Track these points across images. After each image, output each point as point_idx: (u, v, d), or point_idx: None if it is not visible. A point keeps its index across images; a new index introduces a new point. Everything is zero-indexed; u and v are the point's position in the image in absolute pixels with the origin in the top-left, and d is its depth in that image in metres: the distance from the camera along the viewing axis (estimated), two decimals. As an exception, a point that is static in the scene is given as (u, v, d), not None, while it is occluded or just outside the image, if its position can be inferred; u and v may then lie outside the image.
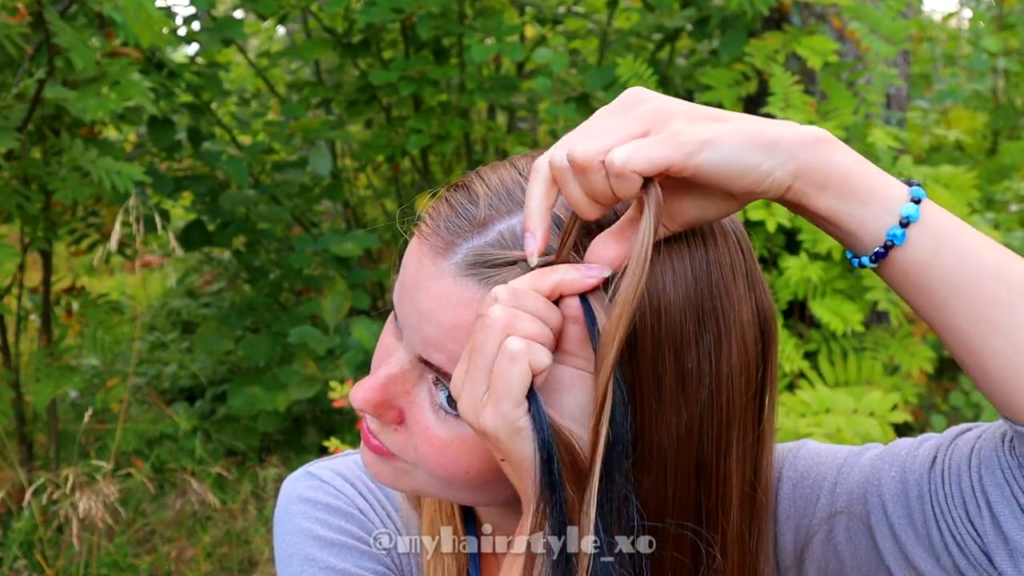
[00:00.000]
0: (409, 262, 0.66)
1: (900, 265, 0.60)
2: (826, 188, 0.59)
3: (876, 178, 0.60)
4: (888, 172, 0.63)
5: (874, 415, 1.93)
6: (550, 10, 3.38)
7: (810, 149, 0.59)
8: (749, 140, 0.58)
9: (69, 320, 2.76)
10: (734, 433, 0.65)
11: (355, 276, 3.20)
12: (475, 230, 0.63)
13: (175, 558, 2.70)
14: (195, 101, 3.17)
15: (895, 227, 0.59)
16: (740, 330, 0.64)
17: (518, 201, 0.63)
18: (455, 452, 0.65)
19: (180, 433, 3.15)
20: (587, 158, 0.57)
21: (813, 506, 0.74)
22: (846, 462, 0.74)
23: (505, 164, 0.67)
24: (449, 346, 0.62)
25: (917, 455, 0.69)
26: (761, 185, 0.59)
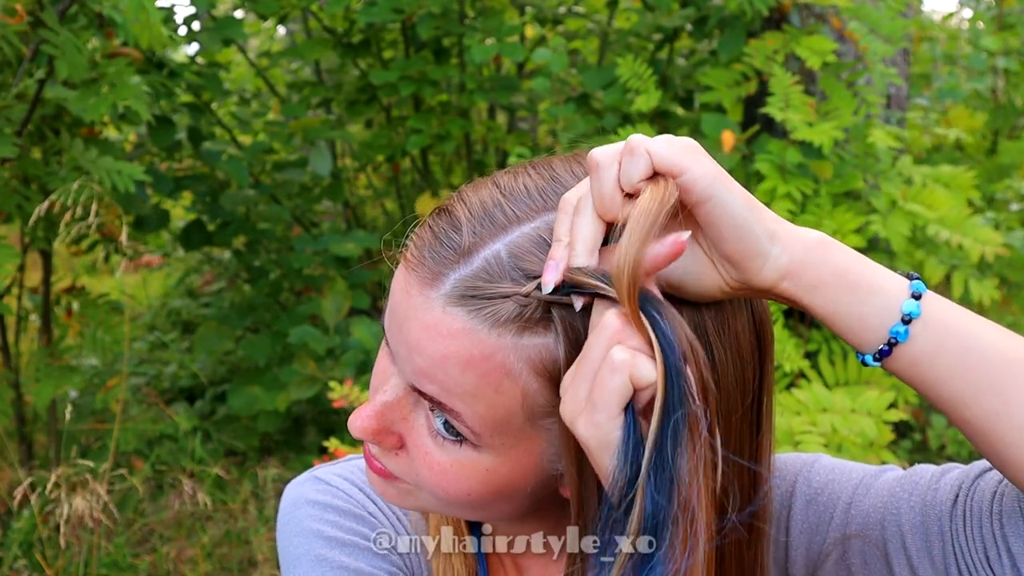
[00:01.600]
0: (396, 291, 0.65)
1: (905, 361, 0.60)
2: (820, 288, 0.59)
3: (875, 275, 0.60)
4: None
5: (870, 414, 1.93)
6: (550, 10, 3.38)
7: (806, 249, 0.59)
8: (756, 209, 0.58)
9: (69, 320, 2.76)
10: (731, 442, 0.64)
11: (355, 276, 3.20)
12: (460, 259, 0.62)
13: (175, 558, 2.70)
14: (195, 101, 3.17)
15: (897, 324, 0.59)
16: (735, 343, 0.63)
17: (500, 225, 0.62)
18: (455, 476, 0.65)
19: (180, 433, 3.15)
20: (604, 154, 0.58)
21: (826, 524, 0.74)
22: (861, 483, 0.74)
23: (486, 183, 0.66)
24: (440, 377, 0.62)
25: (939, 488, 0.69)
26: (754, 261, 0.58)
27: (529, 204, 0.63)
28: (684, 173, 0.57)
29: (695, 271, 0.60)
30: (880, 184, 2.40)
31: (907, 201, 2.35)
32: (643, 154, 0.57)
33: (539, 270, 0.60)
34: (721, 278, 0.60)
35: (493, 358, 0.61)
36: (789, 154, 2.25)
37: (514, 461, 0.65)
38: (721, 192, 0.57)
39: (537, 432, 0.64)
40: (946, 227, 2.31)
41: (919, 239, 2.45)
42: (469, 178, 3.81)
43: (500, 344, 0.60)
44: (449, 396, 0.62)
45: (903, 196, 2.36)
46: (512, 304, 0.60)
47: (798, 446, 1.89)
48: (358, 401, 1.96)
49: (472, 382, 0.61)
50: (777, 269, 0.59)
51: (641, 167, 0.57)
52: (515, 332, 0.60)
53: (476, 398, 0.61)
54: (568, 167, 0.66)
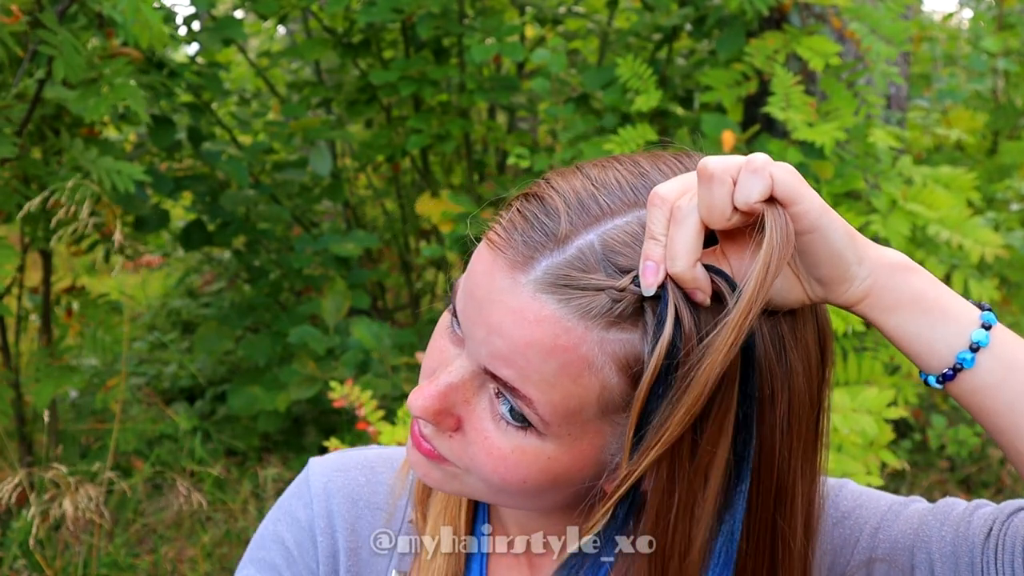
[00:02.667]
0: (479, 272, 0.64)
1: (967, 388, 0.61)
2: (896, 310, 0.61)
3: (949, 302, 0.62)
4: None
5: (871, 412, 1.93)
6: (550, 10, 3.37)
7: (889, 272, 0.61)
8: (850, 236, 0.60)
9: (69, 320, 2.76)
10: (799, 453, 0.65)
11: (355, 276, 3.20)
12: (554, 246, 0.61)
13: (175, 558, 2.70)
14: (195, 101, 3.17)
15: (965, 351, 0.61)
16: (806, 352, 0.64)
17: (594, 215, 0.62)
18: (515, 462, 0.64)
19: (180, 433, 3.15)
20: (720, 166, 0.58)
21: (851, 547, 0.74)
22: (891, 510, 0.75)
23: (575, 173, 0.66)
24: (520, 362, 0.61)
25: (972, 521, 0.70)
26: (842, 284, 0.60)
27: (621, 197, 0.63)
28: (798, 203, 0.58)
29: (783, 285, 0.62)
30: (880, 184, 2.40)
31: (907, 201, 2.35)
32: (766, 177, 0.57)
33: (631, 265, 0.60)
34: (805, 293, 0.62)
35: (577, 349, 0.60)
36: (789, 154, 2.25)
37: (576, 451, 0.64)
38: (827, 224, 0.59)
39: (605, 425, 0.64)
40: (946, 227, 2.31)
41: (919, 239, 2.45)
42: (469, 178, 3.81)
43: (587, 336, 0.60)
44: (525, 382, 0.61)
45: (903, 196, 2.36)
46: (604, 298, 0.60)
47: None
48: (358, 401, 1.96)
49: (552, 371, 0.61)
50: (860, 290, 0.61)
51: (761, 189, 0.57)
52: (603, 326, 0.60)
53: (553, 387, 0.61)
54: (654, 164, 0.66)
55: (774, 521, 0.65)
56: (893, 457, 2.04)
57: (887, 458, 2.01)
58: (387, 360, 2.78)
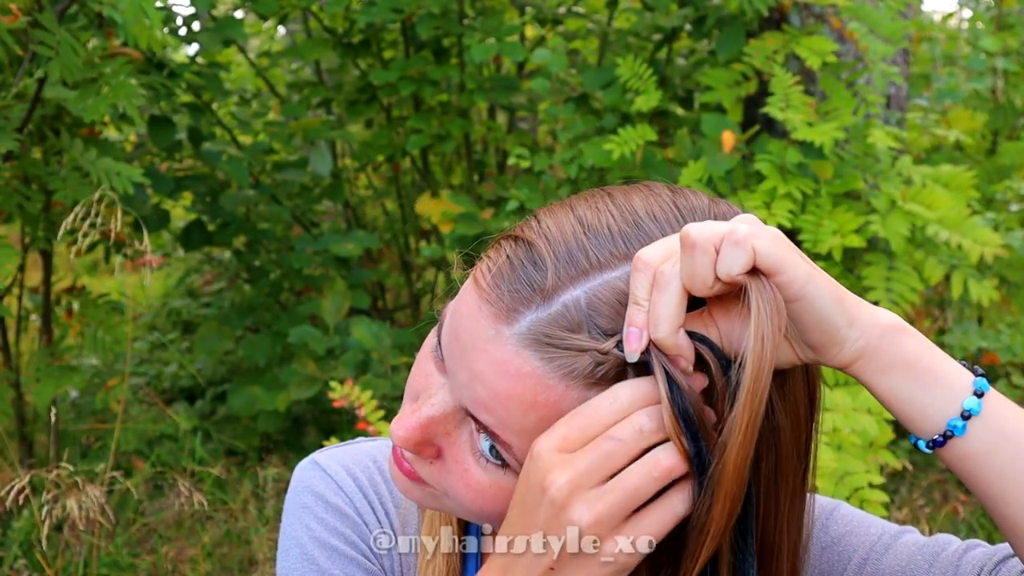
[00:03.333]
0: (464, 315, 0.64)
1: (957, 453, 0.61)
2: (888, 372, 0.61)
3: (943, 366, 0.61)
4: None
5: (871, 411, 1.93)
6: (550, 10, 3.38)
7: (880, 334, 0.60)
8: (840, 301, 0.59)
9: (69, 320, 2.76)
10: (786, 508, 0.66)
11: (355, 276, 3.20)
12: (540, 300, 0.61)
13: (175, 558, 2.70)
14: (195, 101, 3.17)
15: (956, 419, 0.60)
16: (795, 409, 0.65)
17: (582, 269, 0.61)
18: (492, 496, 0.65)
19: (180, 433, 3.15)
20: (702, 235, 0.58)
21: (839, 575, 0.75)
22: (880, 540, 0.75)
23: (567, 213, 0.65)
24: (500, 412, 0.62)
25: (960, 565, 0.70)
26: (832, 347, 0.60)
27: (612, 250, 0.62)
28: (782, 273, 0.57)
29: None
30: (880, 184, 2.40)
31: (907, 201, 2.35)
32: (748, 249, 0.57)
33: (615, 327, 0.60)
34: (796, 355, 0.62)
35: (558, 406, 0.60)
36: (789, 154, 2.25)
37: None
38: (812, 292, 0.58)
39: None
40: (946, 227, 2.31)
41: (918, 239, 2.45)
42: (469, 178, 3.80)
43: (567, 394, 0.60)
44: (504, 430, 0.62)
45: (903, 196, 2.36)
46: (587, 359, 0.60)
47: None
48: (358, 401, 1.96)
49: (532, 423, 0.61)
50: (852, 353, 0.60)
51: (743, 261, 0.57)
52: (584, 386, 0.60)
53: (532, 436, 0.61)
54: (648, 209, 0.65)
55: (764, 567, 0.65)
56: (893, 457, 2.04)
57: (887, 458, 2.01)
58: (387, 360, 2.78)
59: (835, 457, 1.90)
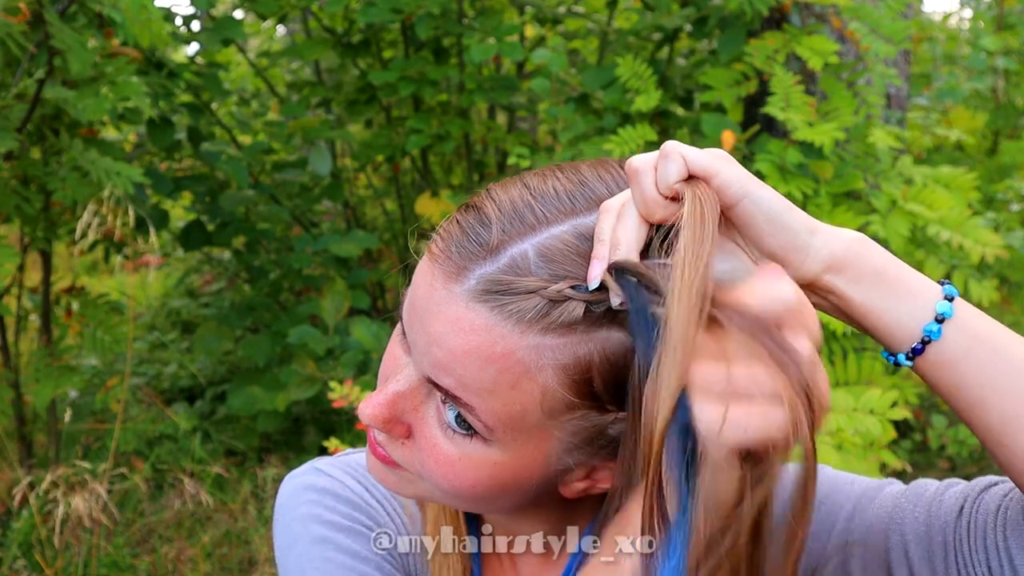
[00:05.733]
0: (420, 283, 0.65)
1: (936, 362, 0.62)
2: (860, 282, 0.61)
3: (911, 277, 0.62)
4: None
5: (874, 412, 1.93)
6: (550, 10, 3.37)
7: (846, 244, 0.62)
8: (790, 207, 0.61)
9: (69, 320, 2.76)
10: None
11: (355, 276, 3.19)
12: (487, 255, 0.62)
13: (175, 558, 2.70)
14: (195, 101, 3.17)
15: (931, 323, 0.61)
16: None
17: (529, 224, 0.63)
18: (462, 469, 0.65)
19: (180, 433, 3.15)
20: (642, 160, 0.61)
21: (827, 532, 0.74)
22: (865, 493, 0.75)
23: (515, 183, 0.66)
24: (458, 371, 0.62)
25: (943, 500, 0.70)
26: (796, 253, 0.61)
27: (558, 207, 0.64)
28: (716, 176, 0.59)
29: (744, 274, 0.61)
30: (880, 184, 2.40)
31: (907, 201, 2.35)
32: (677, 158, 0.60)
33: (566, 273, 0.61)
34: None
35: (513, 355, 0.61)
36: (789, 154, 2.24)
37: (523, 457, 0.65)
38: (754, 190, 0.60)
39: (550, 430, 0.64)
40: (946, 227, 2.31)
41: (919, 239, 2.45)
42: (469, 178, 3.80)
43: (522, 342, 0.61)
44: (465, 390, 0.62)
45: (903, 196, 2.36)
46: (538, 299, 0.61)
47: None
48: (358, 401, 1.96)
49: (491, 378, 0.61)
50: (820, 260, 0.61)
51: (676, 170, 0.59)
52: (539, 331, 0.61)
53: (493, 394, 0.62)
54: (595, 172, 0.67)
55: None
56: (893, 457, 2.04)
57: (887, 458, 2.01)
58: (387, 360, 2.77)
59: (836, 457, 1.89)
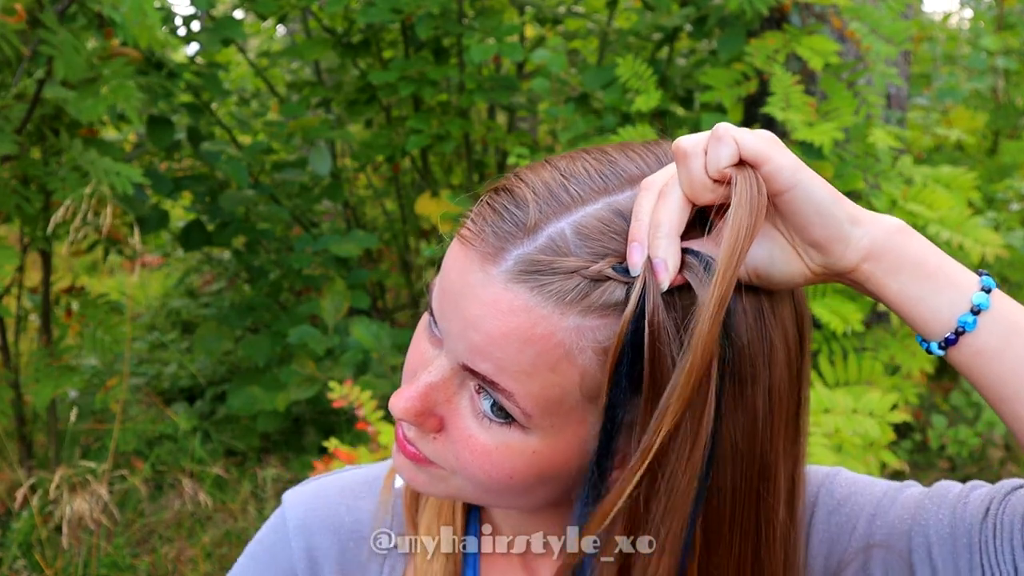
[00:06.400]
0: (452, 268, 0.64)
1: (969, 353, 0.61)
2: (898, 272, 0.61)
3: (950, 267, 0.62)
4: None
5: (873, 415, 1.93)
6: (550, 10, 3.37)
7: (887, 234, 0.61)
8: (837, 197, 0.60)
9: (69, 320, 2.76)
10: (781, 432, 0.65)
11: (355, 276, 3.19)
12: (524, 235, 0.61)
13: (174, 558, 2.70)
14: (195, 101, 3.17)
15: (967, 314, 0.61)
16: (783, 330, 0.64)
17: (564, 203, 0.62)
18: (500, 458, 0.64)
19: (180, 433, 3.15)
20: (691, 141, 0.59)
21: (848, 535, 0.74)
22: (886, 495, 0.74)
23: (544, 165, 0.66)
24: (496, 354, 0.61)
25: (968, 502, 0.69)
26: (837, 244, 0.60)
27: (591, 185, 0.63)
28: (769, 162, 0.58)
29: (781, 259, 0.62)
30: (880, 184, 2.40)
31: (907, 201, 2.35)
32: (730, 142, 0.58)
33: (605, 251, 0.60)
34: (805, 264, 0.62)
35: (553, 336, 0.60)
36: (789, 154, 2.24)
37: (562, 442, 0.64)
38: (803, 181, 0.59)
39: (588, 415, 0.63)
40: (946, 227, 2.31)
41: (919, 239, 2.45)
42: (469, 178, 3.80)
43: (562, 323, 0.60)
44: (503, 375, 0.61)
45: (903, 196, 2.36)
46: (578, 279, 0.60)
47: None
48: (358, 401, 1.96)
49: (529, 360, 0.60)
50: (859, 250, 0.61)
51: (728, 153, 0.58)
52: (579, 312, 0.60)
53: (531, 377, 0.61)
54: (623, 152, 0.66)
55: (759, 494, 0.65)
56: (893, 457, 2.04)
57: (887, 458, 2.01)
58: (386, 360, 2.78)
59: (835, 457, 1.89)
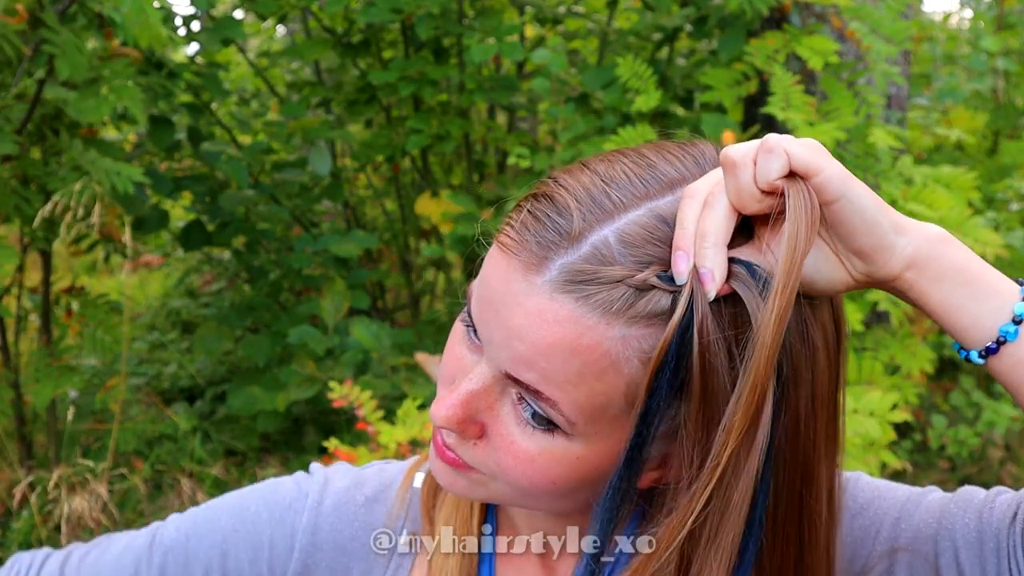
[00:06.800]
0: (493, 276, 0.63)
1: (1011, 362, 0.61)
2: (941, 281, 0.61)
3: (991, 276, 0.62)
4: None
5: (874, 414, 1.93)
6: (550, 10, 3.37)
7: (930, 243, 0.61)
8: (883, 207, 0.61)
9: (69, 320, 2.76)
10: (823, 433, 0.66)
11: (355, 276, 3.19)
12: (568, 244, 0.60)
13: (175, 558, 2.69)
14: (195, 101, 3.17)
15: (1008, 324, 0.61)
16: (823, 332, 0.65)
17: (607, 211, 0.61)
18: (543, 464, 0.64)
19: (180, 433, 3.14)
20: (740, 151, 0.59)
21: (872, 538, 0.74)
22: (910, 499, 0.75)
23: (582, 168, 0.65)
24: (542, 364, 0.61)
25: (995, 507, 0.69)
26: (881, 253, 0.60)
27: (632, 191, 0.63)
28: (819, 174, 0.59)
29: (825, 267, 0.62)
30: (880, 184, 2.40)
31: (907, 201, 2.34)
32: (781, 153, 0.58)
33: (650, 258, 0.60)
34: (848, 272, 0.62)
35: (600, 346, 0.60)
36: (789, 154, 2.24)
37: (605, 449, 0.64)
38: (851, 191, 0.59)
39: (630, 419, 0.63)
40: (946, 227, 2.30)
41: (919, 239, 2.45)
42: (469, 178, 3.80)
43: (608, 332, 0.60)
44: (548, 384, 0.61)
45: (904, 196, 2.36)
46: (624, 289, 0.60)
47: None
48: (357, 401, 1.96)
49: (575, 370, 0.60)
50: (903, 259, 0.61)
51: (779, 166, 0.58)
52: (625, 321, 0.60)
53: (577, 387, 0.61)
54: (660, 155, 0.66)
55: (801, 498, 0.65)
56: (893, 457, 2.04)
57: (887, 458, 2.01)
58: (386, 360, 2.78)
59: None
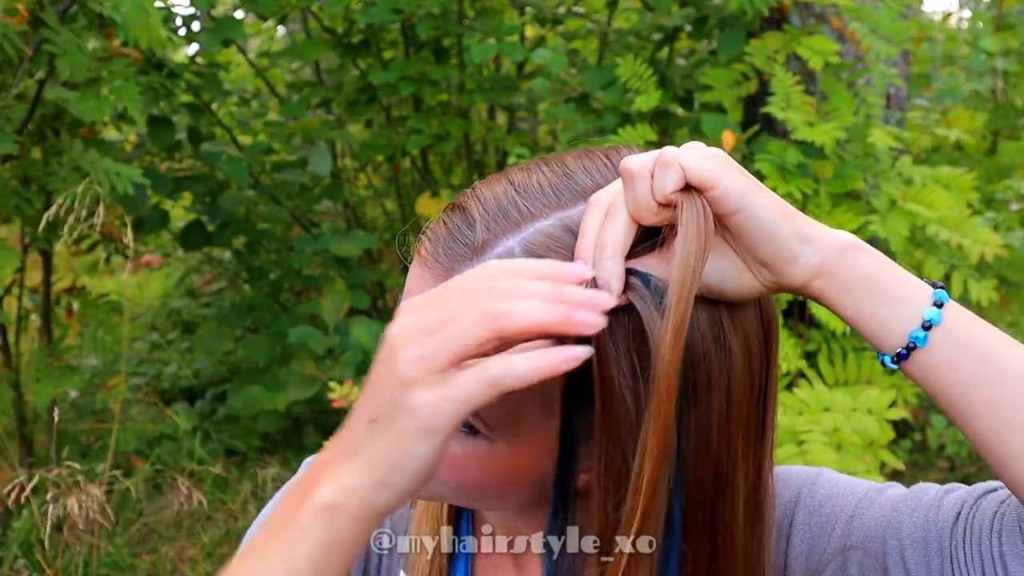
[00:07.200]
0: (412, 288, 0.65)
1: (922, 366, 0.62)
2: (850, 290, 0.61)
3: (902, 282, 0.62)
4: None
5: (872, 412, 1.93)
6: (550, 10, 3.38)
7: (839, 252, 0.61)
8: (787, 216, 0.61)
9: (69, 320, 2.76)
10: (739, 440, 0.65)
11: (355, 276, 3.20)
12: (473, 255, 0.62)
13: (175, 558, 2.70)
14: (195, 101, 3.17)
15: (917, 330, 0.61)
16: (745, 337, 0.64)
17: (514, 221, 0.63)
18: (469, 467, 0.65)
19: (180, 433, 3.15)
20: (638, 163, 0.59)
21: (828, 535, 0.75)
22: (865, 497, 0.75)
23: (500, 179, 0.66)
24: None
25: (941, 506, 0.70)
26: (785, 264, 0.61)
27: (543, 201, 0.63)
28: (716, 187, 0.59)
29: (733, 276, 0.62)
30: (880, 184, 2.40)
31: (907, 201, 2.35)
32: (676, 168, 0.58)
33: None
34: (757, 280, 0.62)
35: None
36: (789, 154, 2.25)
37: (529, 449, 0.65)
38: (751, 203, 0.59)
39: (552, 422, 0.63)
40: (946, 227, 2.31)
41: (918, 239, 2.45)
42: (469, 178, 3.82)
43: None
44: None
45: (903, 196, 2.36)
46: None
47: (802, 445, 1.89)
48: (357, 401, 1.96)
49: None
50: (809, 268, 0.61)
51: (674, 180, 0.58)
52: None
53: None
54: (580, 163, 0.67)
55: (713, 507, 0.65)
56: (893, 457, 2.04)
57: (887, 458, 2.01)
58: (387, 360, 2.77)
59: (835, 457, 1.90)
